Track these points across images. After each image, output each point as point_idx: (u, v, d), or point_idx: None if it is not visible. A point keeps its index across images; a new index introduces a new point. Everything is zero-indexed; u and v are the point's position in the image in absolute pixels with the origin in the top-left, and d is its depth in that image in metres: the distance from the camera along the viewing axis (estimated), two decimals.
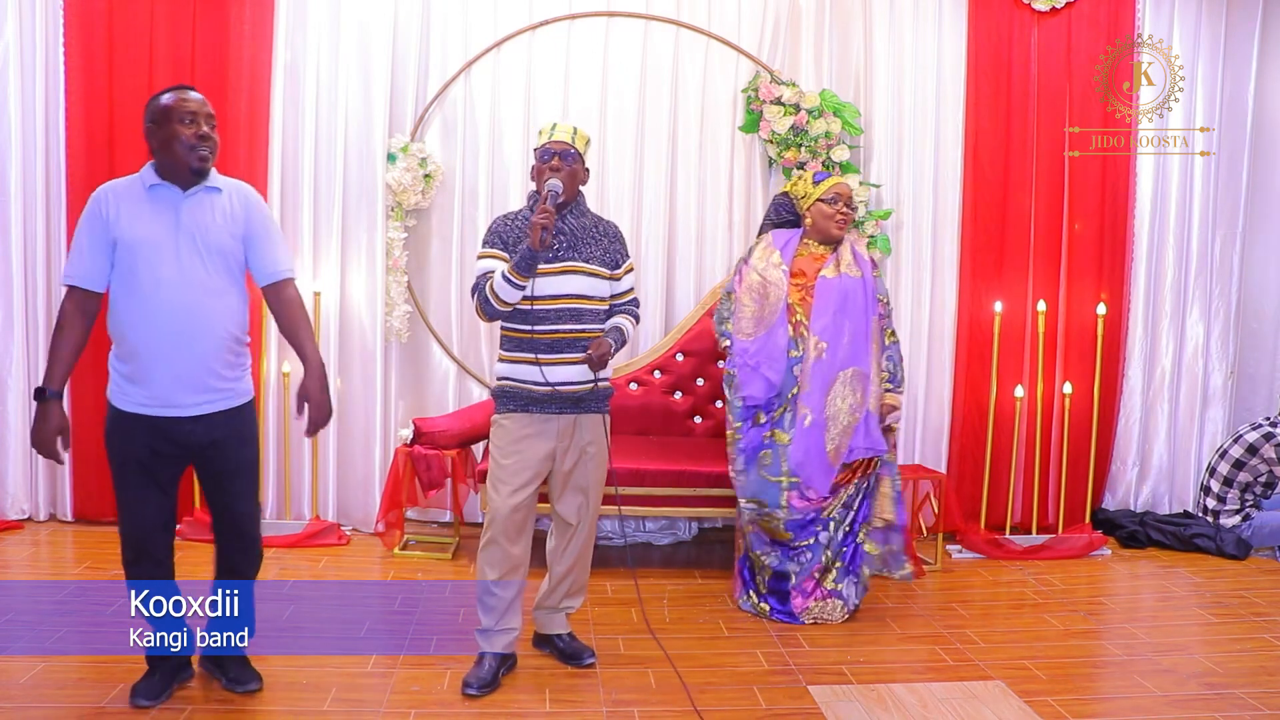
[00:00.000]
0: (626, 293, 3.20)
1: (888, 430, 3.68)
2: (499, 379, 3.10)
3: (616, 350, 3.08)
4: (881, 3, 4.80)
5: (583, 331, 3.03)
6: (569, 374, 3.02)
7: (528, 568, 3.10)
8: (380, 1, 4.55)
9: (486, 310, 3.01)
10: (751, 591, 3.75)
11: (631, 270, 3.21)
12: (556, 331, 3.01)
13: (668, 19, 4.72)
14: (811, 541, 3.64)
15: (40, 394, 2.66)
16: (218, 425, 2.72)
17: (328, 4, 4.55)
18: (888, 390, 3.69)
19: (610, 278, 3.13)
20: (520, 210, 3.15)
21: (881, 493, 3.70)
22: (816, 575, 3.65)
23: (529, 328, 3.00)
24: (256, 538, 2.90)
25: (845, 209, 3.73)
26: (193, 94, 2.71)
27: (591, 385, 3.06)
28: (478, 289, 3.01)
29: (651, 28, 4.74)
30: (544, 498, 3.24)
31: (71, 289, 2.68)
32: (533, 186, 3.14)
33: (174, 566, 2.82)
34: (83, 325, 2.69)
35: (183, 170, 2.65)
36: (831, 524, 3.65)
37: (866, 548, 3.70)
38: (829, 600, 3.64)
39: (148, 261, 2.61)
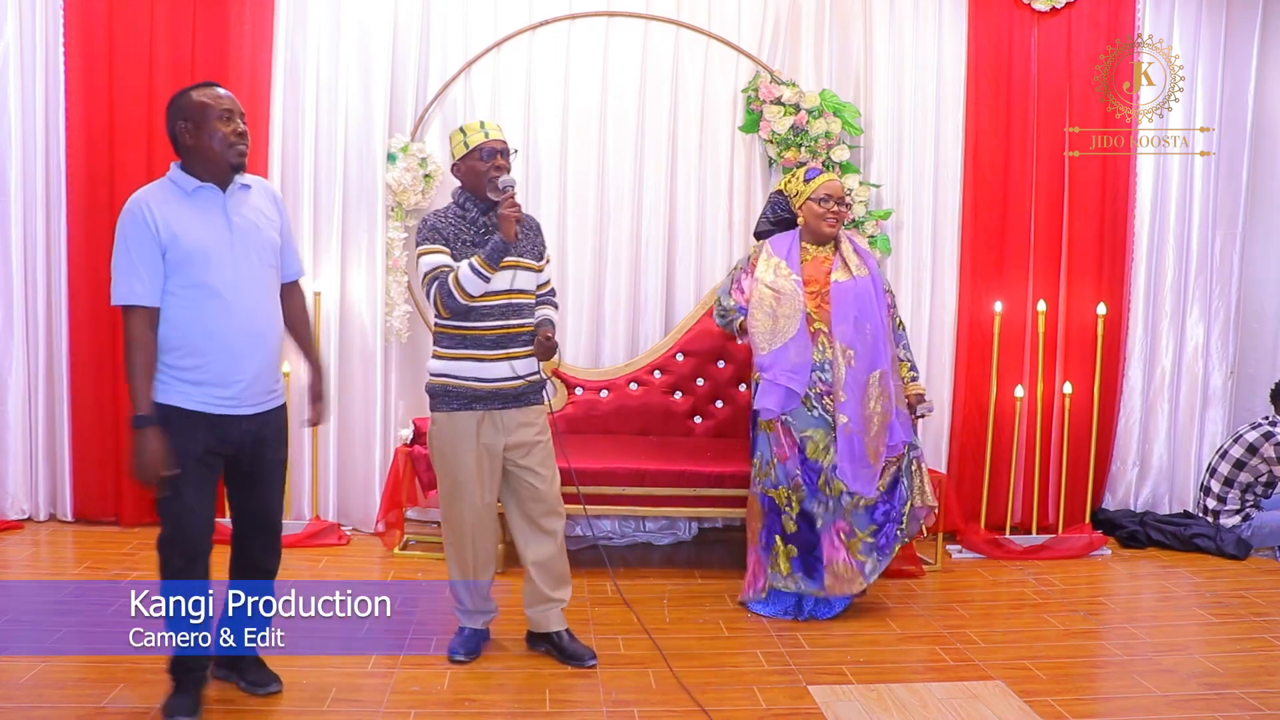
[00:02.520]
0: (547, 283, 3.29)
1: (919, 419, 3.77)
2: (436, 376, 3.12)
3: None
4: (881, 3, 4.79)
5: (521, 326, 3.11)
6: (522, 367, 3.11)
7: (496, 561, 3.27)
8: (380, 1, 4.54)
9: (448, 305, 3.00)
10: (779, 560, 3.64)
11: (549, 261, 3.32)
12: (502, 327, 3.06)
13: (668, 19, 4.72)
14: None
15: (141, 421, 2.54)
16: (267, 422, 2.76)
17: (328, 4, 4.55)
18: (912, 379, 3.76)
19: (539, 270, 3.21)
20: (448, 207, 3.17)
21: (925, 477, 3.73)
22: (842, 536, 3.60)
23: (472, 324, 3.04)
24: (280, 534, 2.92)
25: (837, 207, 3.71)
26: (223, 90, 2.65)
27: (537, 375, 3.15)
28: (436, 282, 3.01)
29: (651, 28, 4.73)
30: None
31: (136, 309, 2.55)
32: (455, 183, 3.19)
33: None
34: (155, 342, 2.59)
35: (222, 168, 2.60)
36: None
37: (899, 530, 3.69)
38: (851, 567, 3.60)
39: (209, 268, 2.57)
